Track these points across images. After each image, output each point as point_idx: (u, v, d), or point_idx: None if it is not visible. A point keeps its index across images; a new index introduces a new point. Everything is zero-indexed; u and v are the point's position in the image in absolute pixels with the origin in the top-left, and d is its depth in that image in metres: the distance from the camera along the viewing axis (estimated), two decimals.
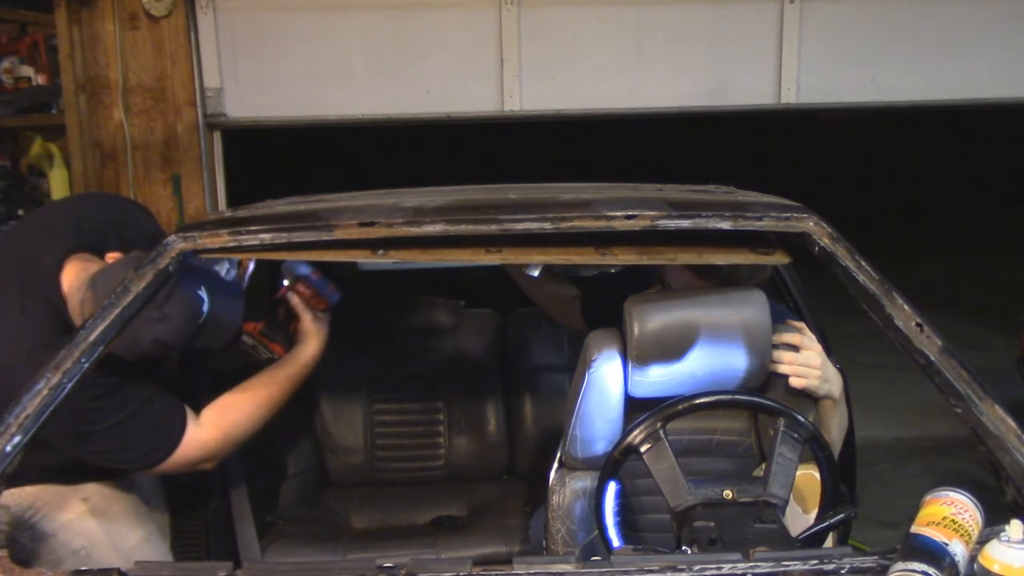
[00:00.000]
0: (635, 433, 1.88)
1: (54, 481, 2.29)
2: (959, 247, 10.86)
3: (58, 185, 4.16)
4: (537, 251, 1.99)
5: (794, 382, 2.06)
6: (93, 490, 2.35)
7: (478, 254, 1.92)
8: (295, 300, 2.44)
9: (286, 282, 2.45)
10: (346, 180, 3.24)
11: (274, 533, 3.01)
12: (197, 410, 2.30)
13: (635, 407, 2.09)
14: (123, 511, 2.40)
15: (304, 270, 2.44)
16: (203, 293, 2.11)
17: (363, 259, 1.93)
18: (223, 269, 2.33)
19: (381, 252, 1.91)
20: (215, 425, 2.27)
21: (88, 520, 2.32)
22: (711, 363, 2.06)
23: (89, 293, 2.07)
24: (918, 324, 1.78)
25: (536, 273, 2.69)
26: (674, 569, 1.50)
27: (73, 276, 2.17)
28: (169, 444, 2.21)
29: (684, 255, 1.94)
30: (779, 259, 1.95)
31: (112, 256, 2.18)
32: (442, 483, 3.43)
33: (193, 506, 2.76)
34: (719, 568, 1.50)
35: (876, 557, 1.51)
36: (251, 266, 2.44)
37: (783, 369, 2.08)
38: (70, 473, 2.30)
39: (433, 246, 1.93)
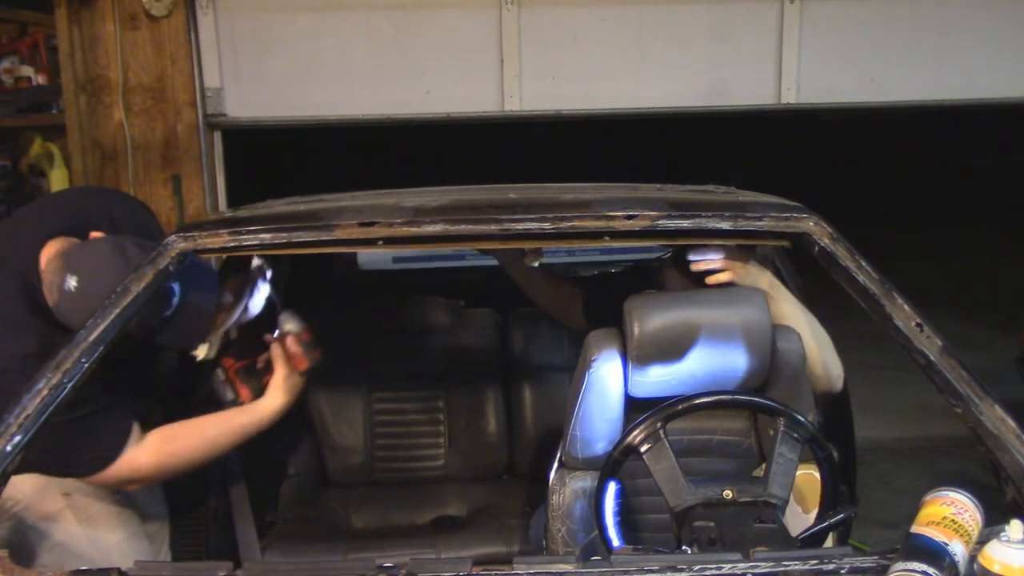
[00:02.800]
0: (635, 433, 1.89)
1: (38, 472, 2.25)
2: (959, 247, 10.86)
3: (58, 185, 4.16)
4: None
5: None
6: (76, 486, 2.32)
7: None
8: (277, 351, 2.37)
9: (278, 331, 2.39)
10: (347, 180, 3.24)
11: (274, 533, 3.00)
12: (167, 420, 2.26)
13: (635, 407, 2.09)
14: (104, 510, 2.37)
15: (298, 327, 2.38)
16: (176, 287, 2.08)
17: (362, 249, 1.93)
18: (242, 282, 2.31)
19: (381, 243, 1.91)
20: (155, 451, 2.21)
21: (68, 516, 2.30)
22: (711, 363, 2.06)
23: (60, 263, 2.05)
24: (918, 324, 1.78)
25: (536, 264, 2.69)
26: (674, 569, 1.50)
27: (52, 252, 2.15)
28: (105, 458, 2.16)
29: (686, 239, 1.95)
30: (779, 240, 2.00)
31: (96, 235, 2.17)
32: (442, 483, 3.43)
33: (193, 506, 2.76)
34: (719, 568, 1.50)
35: (876, 557, 1.51)
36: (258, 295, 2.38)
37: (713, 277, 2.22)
38: None
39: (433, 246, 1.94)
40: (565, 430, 2.17)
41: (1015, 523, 1.35)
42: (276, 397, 2.35)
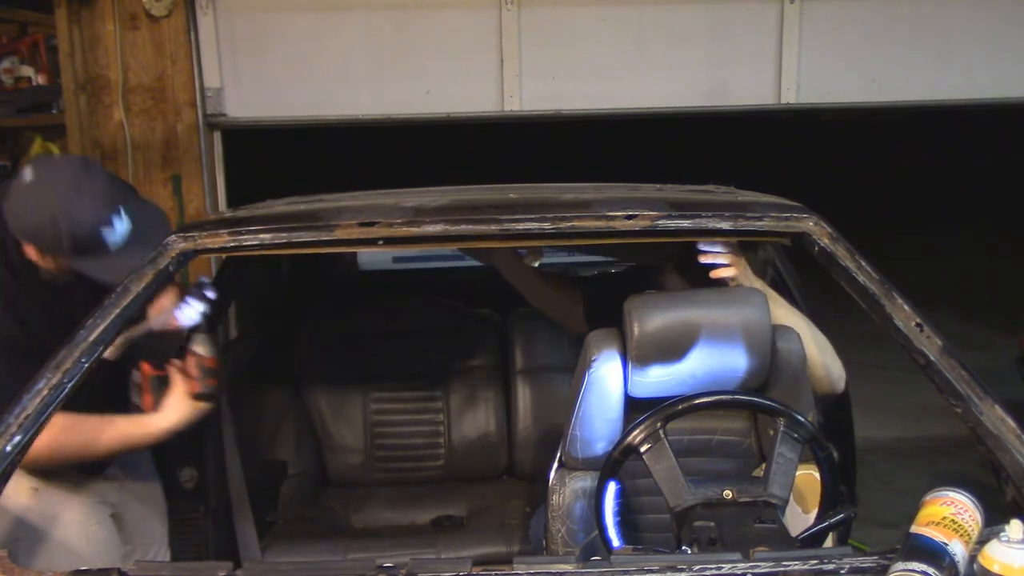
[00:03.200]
0: (635, 433, 1.88)
1: None
2: (959, 247, 10.86)
3: None
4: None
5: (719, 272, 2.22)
6: (43, 482, 2.25)
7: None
8: (177, 370, 2.23)
9: (191, 346, 2.26)
10: (346, 180, 3.24)
11: (274, 533, 3.00)
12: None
13: (635, 407, 2.09)
14: (73, 516, 2.31)
15: (205, 351, 2.25)
16: (121, 220, 2.07)
17: (363, 249, 1.93)
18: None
19: (381, 243, 1.92)
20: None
21: (32, 511, 2.22)
22: (711, 363, 2.06)
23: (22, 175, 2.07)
24: (918, 324, 1.78)
25: (536, 263, 2.69)
26: (674, 569, 1.50)
27: None
28: None
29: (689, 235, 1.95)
30: (780, 239, 2.01)
31: None
32: (442, 483, 3.43)
33: (193, 507, 2.76)
34: (719, 568, 1.50)
35: (876, 557, 1.51)
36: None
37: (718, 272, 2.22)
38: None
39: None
40: (565, 430, 2.17)
41: (1015, 523, 1.35)
42: (165, 416, 2.22)
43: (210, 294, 2.22)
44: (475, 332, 3.56)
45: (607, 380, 2.11)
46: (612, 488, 1.95)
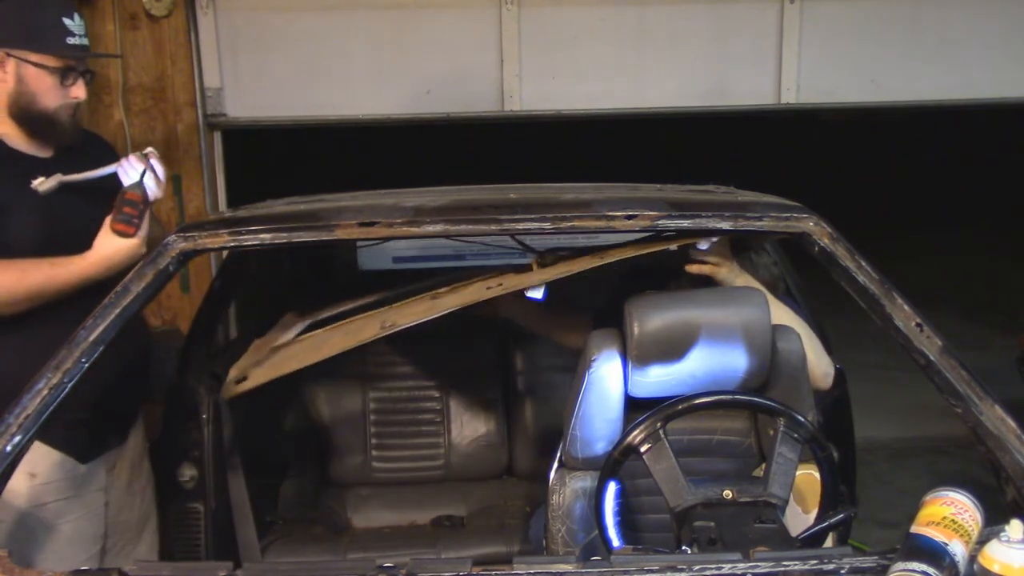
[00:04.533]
0: (635, 433, 1.89)
1: None
2: (959, 247, 10.86)
3: None
4: (536, 273, 2.01)
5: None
6: (39, 466, 2.21)
7: (480, 292, 1.91)
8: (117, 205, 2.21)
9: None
10: (346, 180, 3.24)
11: (274, 533, 3.00)
12: None
13: (635, 407, 2.10)
14: (64, 507, 2.29)
15: (135, 189, 2.21)
16: (82, 20, 2.27)
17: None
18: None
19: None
20: None
21: (23, 498, 2.18)
22: (711, 363, 2.06)
23: None
24: (918, 324, 1.79)
25: (539, 295, 2.68)
26: (674, 569, 1.50)
27: None
28: None
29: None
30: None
31: None
32: (442, 483, 3.43)
33: (193, 507, 2.76)
34: (719, 568, 1.50)
35: (876, 557, 1.51)
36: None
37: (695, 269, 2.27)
38: None
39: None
40: (565, 430, 2.17)
41: (1015, 523, 1.35)
42: (89, 255, 2.20)
43: (155, 163, 2.29)
44: (475, 332, 3.56)
45: (607, 380, 2.11)
46: (612, 488, 1.95)
